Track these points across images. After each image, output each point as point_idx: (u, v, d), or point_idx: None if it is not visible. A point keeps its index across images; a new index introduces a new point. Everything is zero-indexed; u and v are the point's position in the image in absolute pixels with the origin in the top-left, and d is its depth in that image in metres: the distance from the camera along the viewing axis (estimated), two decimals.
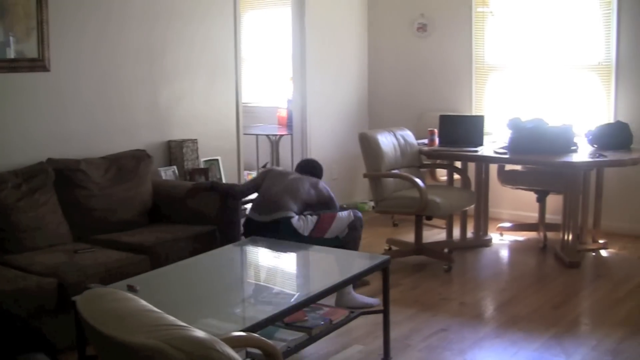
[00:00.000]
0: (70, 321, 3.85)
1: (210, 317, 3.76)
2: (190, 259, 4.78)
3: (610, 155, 6.43)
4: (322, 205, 5.73)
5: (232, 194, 5.86)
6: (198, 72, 7.04)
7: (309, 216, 5.53)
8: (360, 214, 5.71)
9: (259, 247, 5.19)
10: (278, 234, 5.30)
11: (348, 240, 5.53)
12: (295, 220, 5.44)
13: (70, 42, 5.97)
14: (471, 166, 7.27)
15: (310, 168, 6.04)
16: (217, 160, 7.04)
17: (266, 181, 5.76)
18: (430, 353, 4.73)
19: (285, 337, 4.00)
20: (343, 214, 5.61)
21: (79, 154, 5.89)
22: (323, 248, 5.07)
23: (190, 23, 6.90)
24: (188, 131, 6.89)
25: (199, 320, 3.49)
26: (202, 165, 6.86)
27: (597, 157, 6.41)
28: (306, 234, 5.40)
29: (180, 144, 6.70)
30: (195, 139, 6.84)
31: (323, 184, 5.87)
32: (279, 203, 5.50)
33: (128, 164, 6.03)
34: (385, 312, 4.56)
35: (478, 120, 7.23)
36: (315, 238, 5.38)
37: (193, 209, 5.88)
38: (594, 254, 7.00)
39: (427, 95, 8.69)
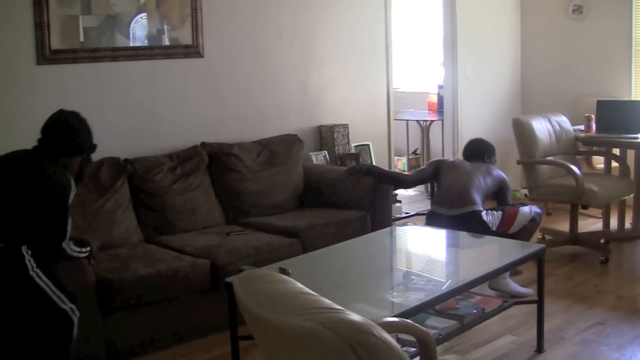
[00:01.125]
0: (220, 302, 3.92)
1: (361, 302, 3.75)
2: (341, 243, 4.79)
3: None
4: (499, 190, 5.73)
5: (402, 182, 5.89)
6: (348, 57, 7.06)
7: (494, 212, 5.46)
8: (540, 210, 5.63)
9: (409, 234, 5.15)
10: (468, 226, 5.24)
11: (525, 231, 5.49)
12: (485, 214, 5.39)
13: (223, 28, 6.10)
14: (630, 154, 7.00)
15: (482, 149, 5.96)
16: (367, 145, 7.05)
17: (444, 174, 5.73)
18: (586, 347, 4.58)
19: (436, 325, 3.97)
20: (525, 209, 5.52)
21: (231, 138, 6.00)
22: (475, 235, 4.99)
23: (339, 8, 6.94)
24: (338, 116, 6.91)
25: (350, 304, 3.48)
26: (352, 150, 6.88)
27: None
28: (494, 229, 5.33)
29: (331, 128, 6.72)
30: (346, 124, 6.85)
31: (493, 168, 5.81)
32: (467, 197, 5.46)
33: (280, 149, 6.10)
34: (540, 303, 4.46)
35: (638, 106, 6.97)
36: (501, 233, 5.33)
37: (344, 194, 5.89)
38: None
39: (583, 80, 8.42)
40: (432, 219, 5.55)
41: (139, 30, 5.66)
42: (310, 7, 6.68)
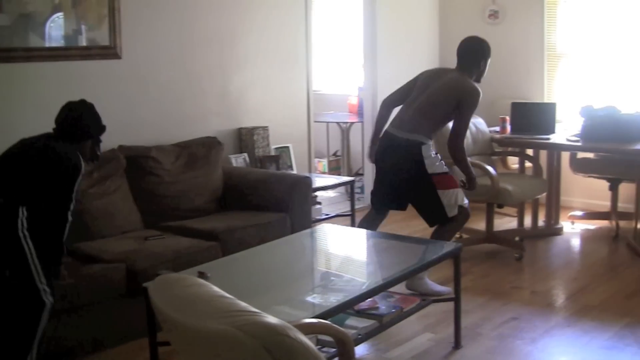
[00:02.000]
0: (139, 308, 3.89)
1: (281, 304, 3.79)
2: (261, 246, 4.83)
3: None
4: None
5: None
6: (269, 59, 7.08)
7: (441, 160, 5.39)
8: (468, 211, 5.57)
9: (330, 235, 5.21)
10: (402, 156, 5.32)
11: (446, 229, 5.41)
12: (426, 148, 5.30)
13: (142, 29, 6.05)
14: (543, 154, 7.20)
15: (480, 53, 5.78)
16: (287, 147, 7.08)
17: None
18: (501, 341, 4.71)
19: (356, 325, 4.02)
20: (456, 191, 5.38)
21: (150, 141, 5.96)
22: (394, 236, 5.07)
23: (260, 10, 6.95)
24: (259, 118, 6.94)
25: (269, 307, 3.51)
26: (272, 153, 6.91)
27: None
28: (429, 171, 5.27)
29: (251, 131, 6.75)
30: (266, 126, 6.88)
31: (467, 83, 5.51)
32: (414, 122, 5.37)
33: (199, 151, 6.09)
34: (457, 300, 4.56)
35: (550, 108, 7.14)
36: (431, 185, 5.29)
37: (264, 197, 5.92)
38: None
39: (499, 83, 8.59)
40: (381, 134, 5.56)
41: (55, 30, 5.56)
42: (230, 9, 6.68)
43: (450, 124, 5.43)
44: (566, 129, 7.03)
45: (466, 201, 5.44)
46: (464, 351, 4.59)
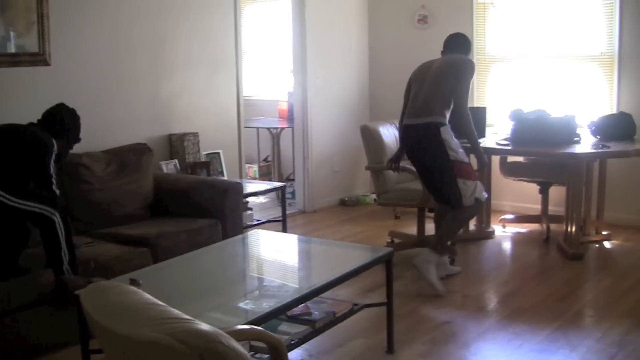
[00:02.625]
0: (72, 316, 3.83)
1: (213, 310, 3.76)
2: (193, 252, 4.77)
3: (613, 146, 6.41)
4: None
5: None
6: (199, 65, 7.03)
7: (460, 147, 5.66)
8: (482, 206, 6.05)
9: (262, 240, 5.17)
10: (426, 141, 5.63)
11: (457, 217, 5.72)
12: (445, 130, 5.57)
13: (71, 36, 5.97)
14: (473, 158, 7.24)
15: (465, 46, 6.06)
16: (218, 153, 7.04)
17: (413, 86, 5.97)
18: (434, 346, 4.71)
19: (288, 330, 3.99)
20: (475, 184, 5.67)
21: (80, 148, 5.84)
22: (326, 241, 5.04)
23: (190, 16, 6.90)
24: (189, 125, 6.88)
25: (202, 313, 3.48)
26: (203, 159, 6.85)
27: (600, 148, 6.39)
28: (451, 156, 5.55)
29: (182, 137, 6.69)
30: (197, 133, 6.83)
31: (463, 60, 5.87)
32: (428, 106, 5.66)
33: (129, 158, 6.02)
34: (389, 305, 4.55)
35: (480, 112, 7.21)
36: (452, 172, 5.56)
37: (195, 203, 5.87)
38: (597, 245, 6.98)
39: None
40: (401, 132, 5.92)
41: None
42: (160, 15, 6.61)
43: None
44: (496, 133, 7.10)
45: (485, 195, 5.82)
46: (396, 356, 4.57)
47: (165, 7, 6.67)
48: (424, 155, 5.67)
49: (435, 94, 5.59)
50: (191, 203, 5.90)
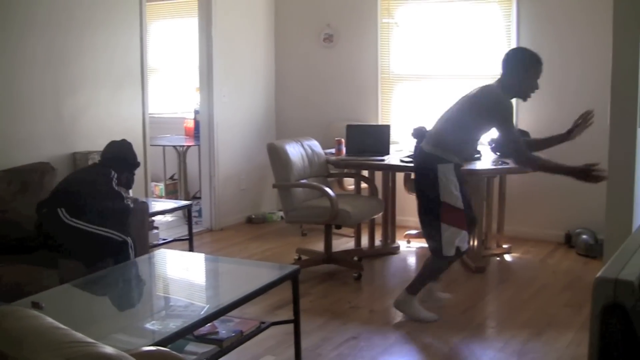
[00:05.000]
0: None
1: (119, 332, 3.71)
2: (98, 273, 4.72)
3: (512, 163, 6.57)
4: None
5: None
6: (103, 82, 6.95)
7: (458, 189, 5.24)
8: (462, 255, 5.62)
9: (167, 260, 5.15)
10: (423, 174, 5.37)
11: (434, 265, 5.50)
12: (442, 167, 5.20)
13: None
14: (378, 175, 7.35)
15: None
16: None
17: None
18: None
19: (196, 350, 3.98)
20: (459, 232, 5.27)
21: None
22: (232, 260, 5.05)
23: (95, 31, 6.81)
24: (94, 143, 6.77)
25: (107, 335, 3.45)
26: None
27: (500, 165, 6.55)
28: (441, 196, 5.20)
29: (86, 155, 6.60)
30: (101, 151, 6.73)
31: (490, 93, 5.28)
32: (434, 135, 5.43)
33: (32, 178, 5.89)
34: (296, 322, 4.57)
35: (384, 130, 7.32)
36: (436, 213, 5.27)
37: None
38: (498, 258, 7.16)
39: (334, 105, 8.76)
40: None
41: None
42: (63, 30, 6.51)
43: None
44: (400, 150, 7.21)
45: (465, 246, 5.35)
46: None
47: (68, 22, 6.57)
48: (418, 183, 5.49)
49: (448, 127, 5.29)
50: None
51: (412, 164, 6.65)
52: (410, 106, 8.40)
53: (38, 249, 5.33)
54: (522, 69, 5.13)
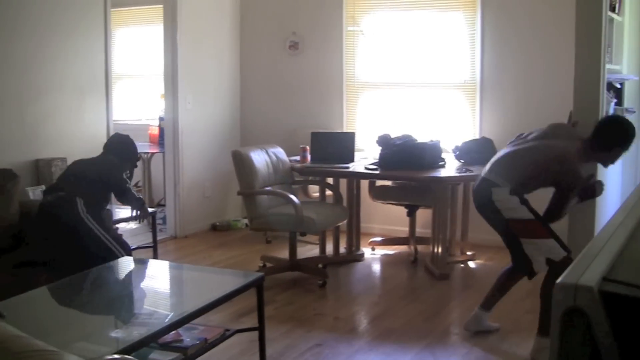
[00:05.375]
0: None
1: (82, 340, 3.68)
2: (60, 281, 4.67)
3: (476, 170, 6.59)
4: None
5: None
6: (67, 88, 6.92)
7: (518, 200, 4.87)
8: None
9: (132, 268, 5.13)
10: (478, 200, 5.07)
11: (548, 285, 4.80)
12: (499, 191, 4.89)
13: None
14: (343, 182, 7.37)
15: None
16: None
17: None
18: None
19: (160, 358, 3.96)
20: (544, 242, 4.84)
21: None
22: (197, 267, 5.04)
23: (58, 38, 6.78)
24: (57, 149, 6.75)
25: (71, 344, 3.42)
26: None
27: (464, 172, 6.60)
28: (505, 216, 4.88)
29: (49, 162, 6.56)
30: (65, 158, 6.70)
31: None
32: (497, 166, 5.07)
33: None
34: (261, 330, 4.57)
35: (349, 137, 7.34)
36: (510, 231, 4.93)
37: None
38: (462, 265, 7.21)
39: (299, 113, 8.78)
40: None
41: None
42: (27, 36, 6.48)
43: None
44: (365, 158, 7.24)
45: (562, 254, 4.76)
46: None
47: (33, 28, 6.53)
48: (485, 217, 5.12)
49: (519, 166, 4.96)
50: None
51: (375, 171, 6.71)
52: (375, 114, 8.44)
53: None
54: (621, 148, 4.85)
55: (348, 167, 6.90)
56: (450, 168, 6.76)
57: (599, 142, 4.80)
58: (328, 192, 7.36)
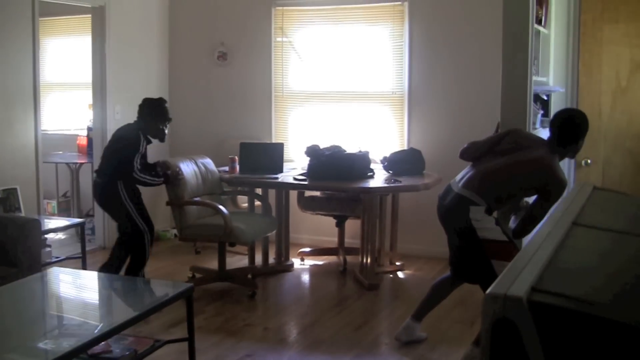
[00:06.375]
0: None
1: (10, 352, 3.65)
2: None
3: (405, 181, 6.71)
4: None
5: None
6: None
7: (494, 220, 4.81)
8: None
9: (60, 279, 5.08)
10: (449, 215, 4.96)
11: None
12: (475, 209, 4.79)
13: None
14: (272, 193, 7.40)
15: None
16: (15, 189, 6.84)
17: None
18: None
19: None
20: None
21: None
22: (127, 278, 5.01)
23: None
24: None
25: (0, 356, 3.39)
26: (0, 195, 6.64)
27: (393, 183, 6.68)
28: (480, 234, 4.78)
29: None
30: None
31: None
32: (475, 183, 4.91)
33: None
34: (191, 340, 4.56)
35: (278, 148, 7.38)
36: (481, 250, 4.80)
37: None
38: (391, 275, 7.28)
39: (228, 123, 8.78)
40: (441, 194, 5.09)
41: None
42: None
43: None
44: (294, 168, 7.28)
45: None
46: None
47: None
48: (452, 236, 5.03)
49: (500, 182, 4.88)
50: None
51: (304, 182, 6.74)
52: (305, 124, 8.49)
53: None
54: (584, 136, 4.90)
55: (277, 178, 6.92)
56: (379, 179, 6.83)
57: (566, 137, 4.83)
58: (257, 203, 7.38)
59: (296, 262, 7.64)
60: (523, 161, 4.82)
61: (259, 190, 7.33)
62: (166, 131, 6.42)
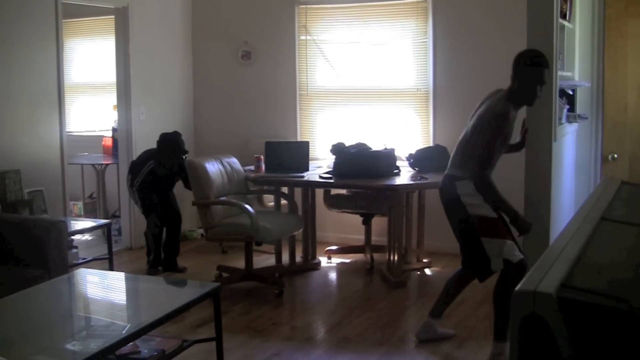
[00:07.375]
0: None
1: (39, 353, 3.66)
2: (16, 294, 4.62)
3: (431, 177, 6.67)
4: None
5: None
6: (19, 100, 6.85)
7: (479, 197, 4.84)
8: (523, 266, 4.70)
9: (87, 280, 5.09)
10: (444, 198, 5.09)
11: (500, 287, 4.85)
12: (461, 185, 4.91)
13: None
14: (298, 191, 7.38)
15: None
16: (41, 191, 6.86)
17: None
18: None
19: None
20: (502, 242, 4.78)
21: None
22: (153, 278, 5.02)
23: (9, 48, 6.73)
24: (10, 162, 6.67)
25: (27, 357, 3.41)
26: (26, 197, 6.66)
27: (419, 180, 6.65)
28: (470, 211, 4.86)
29: (2, 175, 6.49)
30: (18, 170, 6.63)
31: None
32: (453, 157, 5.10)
33: None
34: (218, 340, 4.57)
35: (303, 146, 7.37)
36: (471, 231, 4.89)
37: (18, 243, 5.68)
38: (418, 273, 7.24)
39: (253, 122, 8.78)
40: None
41: None
42: None
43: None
44: (320, 167, 7.26)
45: (519, 256, 4.74)
46: None
47: None
48: (448, 216, 5.14)
49: (465, 145, 4.98)
50: (14, 243, 5.71)
51: (330, 180, 6.73)
52: (330, 122, 8.47)
53: None
54: (520, 70, 4.93)
55: (303, 176, 6.91)
56: (404, 176, 6.81)
57: (522, 62, 4.92)
58: (283, 202, 7.37)
59: (323, 261, 7.63)
60: (480, 114, 4.91)
61: (284, 189, 7.31)
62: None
